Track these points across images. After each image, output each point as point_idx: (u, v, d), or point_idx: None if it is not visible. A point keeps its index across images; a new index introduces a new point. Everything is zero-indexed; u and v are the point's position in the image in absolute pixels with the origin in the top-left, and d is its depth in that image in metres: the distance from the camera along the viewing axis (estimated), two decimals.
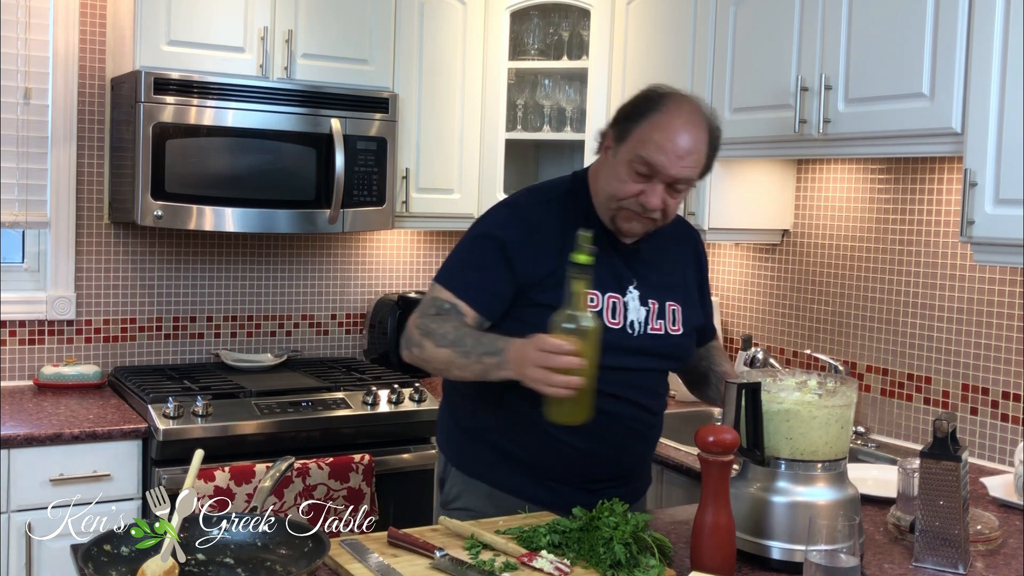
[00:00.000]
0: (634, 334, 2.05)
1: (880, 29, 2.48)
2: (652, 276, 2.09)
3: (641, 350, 2.05)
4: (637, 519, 1.73)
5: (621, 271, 2.06)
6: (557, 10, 3.59)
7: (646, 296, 2.07)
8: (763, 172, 3.17)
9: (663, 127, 1.93)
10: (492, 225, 2.07)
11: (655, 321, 2.08)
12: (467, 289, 2.01)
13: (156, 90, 3.02)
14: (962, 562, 1.77)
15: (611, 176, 2.00)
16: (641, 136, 1.94)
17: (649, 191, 1.95)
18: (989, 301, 2.68)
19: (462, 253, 2.08)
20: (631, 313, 2.05)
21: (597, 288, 2.00)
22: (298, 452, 2.89)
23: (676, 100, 1.99)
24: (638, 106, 1.99)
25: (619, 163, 1.98)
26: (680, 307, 2.12)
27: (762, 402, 1.75)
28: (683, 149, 1.93)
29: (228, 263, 3.62)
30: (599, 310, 2.01)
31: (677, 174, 1.94)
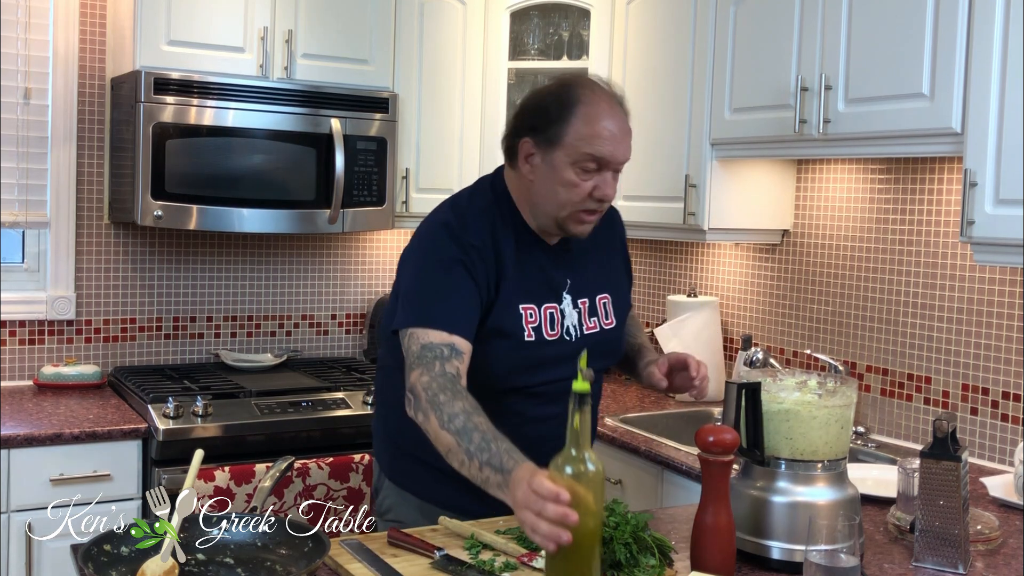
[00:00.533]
0: (572, 340, 2.00)
1: (880, 29, 2.48)
2: (582, 273, 2.06)
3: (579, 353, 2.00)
4: (637, 519, 1.73)
5: (554, 276, 2.01)
6: (557, 10, 3.59)
7: (576, 297, 2.03)
8: (763, 172, 3.16)
9: (594, 118, 1.88)
10: (441, 249, 1.93)
11: (588, 320, 2.04)
12: (454, 321, 1.87)
13: (156, 90, 3.02)
14: (962, 562, 1.77)
15: (554, 183, 1.91)
16: (576, 134, 1.88)
17: (601, 183, 1.91)
18: (989, 301, 2.68)
19: (427, 286, 1.91)
20: (567, 319, 2.01)
21: (532, 301, 1.96)
22: (298, 452, 2.89)
23: (588, 87, 1.93)
24: (556, 107, 1.91)
25: (558, 168, 1.90)
26: (611, 297, 2.09)
27: (762, 402, 1.75)
28: (620, 131, 1.91)
29: (228, 263, 3.62)
30: (537, 325, 1.96)
31: (623, 157, 1.92)
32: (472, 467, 1.69)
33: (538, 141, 1.93)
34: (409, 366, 1.85)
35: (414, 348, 1.85)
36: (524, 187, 1.98)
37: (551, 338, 1.98)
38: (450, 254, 1.91)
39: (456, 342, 1.85)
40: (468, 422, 1.72)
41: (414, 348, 1.85)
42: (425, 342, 1.84)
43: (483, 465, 1.67)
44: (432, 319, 1.86)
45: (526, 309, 1.96)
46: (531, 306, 1.96)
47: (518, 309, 1.95)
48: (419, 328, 1.86)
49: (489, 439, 1.69)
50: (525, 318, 1.96)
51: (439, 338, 1.84)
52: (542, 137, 1.92)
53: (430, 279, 1.92)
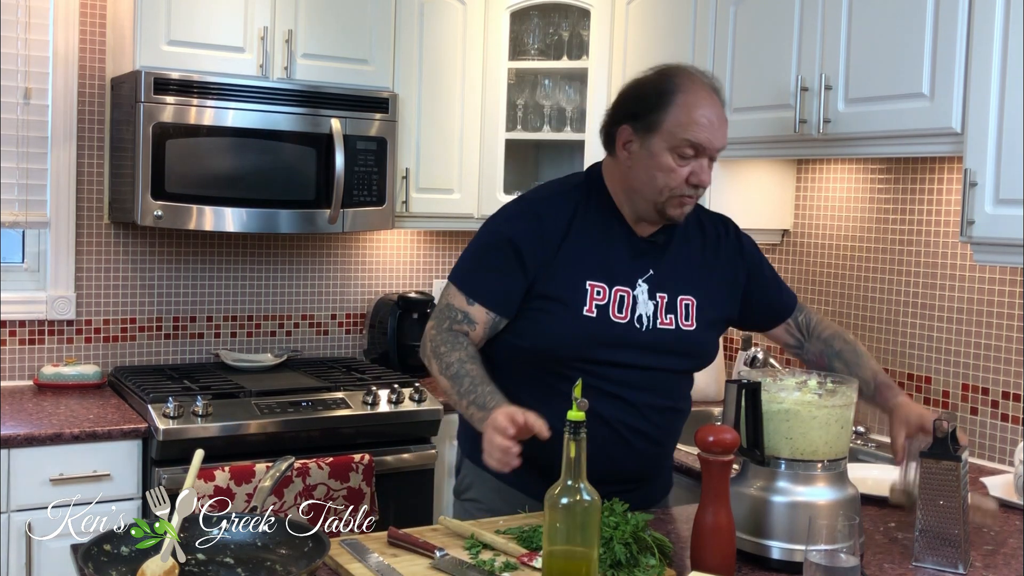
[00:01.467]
0: (642, 328, 2.03)
1: (880, 29, 2.48)
2: (666, 269, 2.07)
3: (650, 346, 2.03)
4: (637, 519, 1.73)
5: (632, 264, 2.05)
6: (557, 10, 3.59)
7: (655, 290, 2.05)
8: (763, 172, 3.17)
9: (694, 106, 1.95)
10: (503, 223, 2.07)
11: (665, 316, 2.05)
12: (481, 291, 2.03)
13: (156, 90, 3.02)
14: (962, 562, 1.77)
15: (652, 169, 1.98)
16: (676, 121, 1.95)
17: (698, 169, 1.97)
18: (989, 301, 2.68)
19: (477, 253, 2.08)
20: (640, 307, 2.03)
21: (605, 281, 2.01)
22: (298, 452, 2.89)
23: (687, 76, 2.01)
24: (655, 95, 1.98)
25: (657, 154, 1.97)
26: (695, 301, 2.08)
27: (762, 402, 1.75)
28: (718, 119, 1.97)
29: (228, 263, 3.62)
30: (603, 304, 2.01)
31: (720, 144, 1.98)
32: (461, 405, 1.95)
33: (636, 128, 1.99)
34: (432, 315, 2.08)
35: (441, 302, 2.07)
36: (622, 173, 2.05)
37: (618, 320, 2.02)
38: (508, 229, 2.04)
39: (472, 312, 2.02)
40: (461, 368, 1.96)
41: (441, 302, 2.07)
42: (450, 302, 2.05)
43: (469, 404, 1.92)
44: (466, 285, 2.05)
45: (593, 286, 2.01)
46: (600, 284, 2.02)
47: (584, 284, 2.01)
48: (455, 288, 2.06)
49: (477, 383, 1.93)
50: (591, 294, 2.01)
51: (460, 304, 2.04)
52: (641, 124, 1.98)
53: (483, 249, 2.08)
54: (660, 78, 2.01)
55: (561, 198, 2.07)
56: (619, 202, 2.07)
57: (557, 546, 1.54)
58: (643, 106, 1.99)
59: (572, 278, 2.01)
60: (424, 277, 3.93)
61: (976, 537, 1.99)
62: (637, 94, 2.02)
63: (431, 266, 3.94)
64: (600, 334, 2.01)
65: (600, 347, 2.01)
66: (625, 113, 2.02)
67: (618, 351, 2.01)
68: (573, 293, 2.01)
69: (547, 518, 1.55)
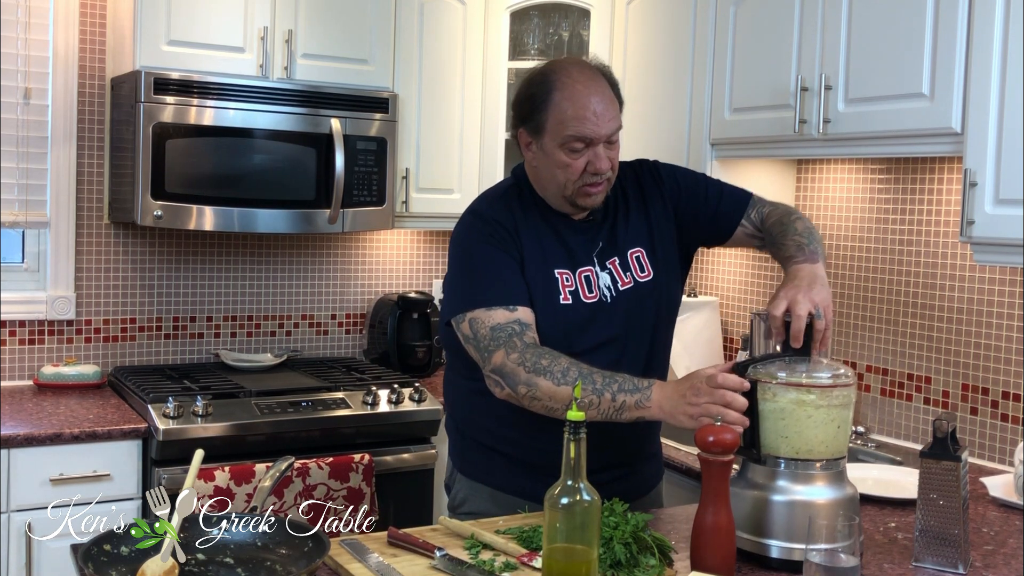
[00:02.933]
0: (608, 299, 2.06)
1: (880, 29, 2.48)
2: (610, 235, 2.10)
3: (620, 313, 2.06)
4: (637, 519, 1.73)
5: (583, 244, 2.08)
6: (557, 10, 3.59)
7: (603, 259, 2.08)
8: (763, 172, 3.16)
9: (571, 99, 1.96)
10: (471, 235, 2.06)
11: (623, 275, 2.09)
12: (508, 293, 1.97)
13: (156, 90, 3.02)
14: (962, 562, 1.77)
15: (552, 167, 2.01)
16: (558, 119, 1.97)
17: (593, 158, 1.98)
18: (989, 301, 2.68)
19: (472, 271, 2.03)
20: (600, 281, 2.07)
21: (568, 267, 2.05)
22: (298, 452, 2.89)
23: (563, 69, 2.01)
24: (534, 96, 2.01)
25: (551, 152, 2.00)
26: (643, 250, 2.11)
27: (758, 400, 1.74)
28: (600, 107, 1.97)
29: (228, 263, 3.62)
30: (573, 289, 2.04)
31: (608, 132, 1.98)
32: (603, 402, 1.82)
33: (529, 130, 2.04)
34: (484, 349, 1.93)
35: (482, 332, 1.94)
36: (533, 172, 2.09)
37: (589, 300, 2.04)
38: (482, 235, 2.03)
39: (520, 317, 1.95)
40: (581, 370, 1.85)
41: (482, 332, 1.94)
42: (492, 324, 1.94)
43: (615, 394, 1.82)
44: (486, 299, 1.96)
45: (561, 274, 2.04)
46: (566, 271, 2.04)
47: (553, 274, 2.03)
48: (478, 311, 1.96)
49: (608, 374, 1.84)
50: (561, 282, 2.03)
51: (504, 317, 1.94)
52: (531, 126, 2.03)
53: (471, 263, 2.03)
54: (540, 76, 2.03)
55: (499, 202, 2.10)
56: (545, 197, 2.10)
57: (557, 546, 1.54)
58: (528, 109, 2.02)
59: (541, 270, 2.03)
60: (424, 277, 3.93)
61: (976, 537, 1.99)
62: (522, 96, 2.05)
63: (431, 266, 3.94)
64: (578, 320, 2.03)
65: (581, 332, 2.03)
66: (518, 116, 2.06)
67: (596, 331, 2.03)
68: (546, 284, 2.03)
69: (547, 518, 1.55)
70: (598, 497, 1.54)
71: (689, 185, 2.18)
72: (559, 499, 1.53)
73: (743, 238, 2.17)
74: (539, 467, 2.03)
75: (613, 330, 2.05)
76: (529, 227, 2.06)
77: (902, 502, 2.18)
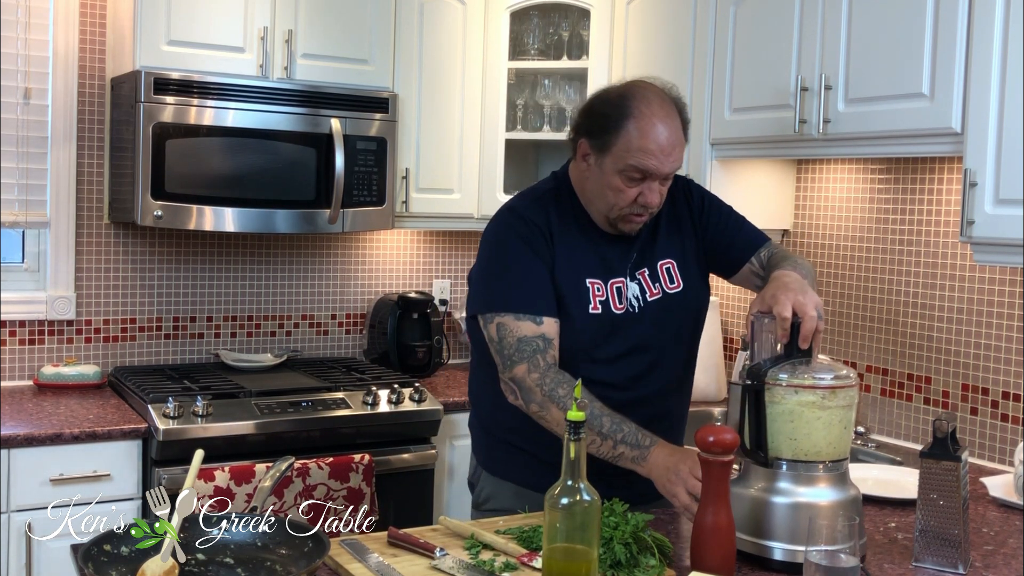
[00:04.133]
0: (635, 310, 2.09)
1: (880, 29, 2.48)
2: (643, 246, 2.13)
3: (652, 321, 2.09)
4: (637, 519, 1.73)
5: (616, 255, 2.11)
6: (557, 10, 3.59)
7: (634, 271, 2.11)
8: (763, 172, 3.17)
9: (644, 132, 1.96)
10: (505, 232, 2.09)
11: (652, 287, 2.12)
12: (540, 303, 2.01)
13: (156, 90, 3.02)
14: (962, 562, 1.77)
15: (604, 187, 2.03)
16: (625, 146, 1.97)
17: (647, 191, 2.01)
18: (989, 301, 2.68)
19: (502, 271, 2.06)
20: (628, 292, 2.10)
21: (600, 277, 2.07)
22: (298, 452, 2.89)
23: (644, 98, 2.00)
24: (608, 115, 2.00)
25: (607, 174, 2.01)
26: (675, 262, 2.14)
27: (766, 403, 1.74)
28: (668, 146, 1.98)
29: (228, 263, 3.62)
30: (604, 299, 2.06)
31: (670, 169, 2.00)
32: (605, 446, 1.91)
33: (593, 144, 2.03)
34: (508, 358, 2.00)
35: (508, 340, 2.00)
36: (581, 181, 2.11)
37: (618, 311, 2.08)
38: (517, 235, 2.06)
39: (545, 331, 2.00)
40: (593, 408, 1.92)
41: (508, 340, 2.00)
42: (520, 335, 2.00)
43: (617, 443, 1.90)
44: (515, 305, 2.01)
45: (592, 283, 2.07)
46: (598, 281, 2.08)
47: (584, 283, 2.06)
48: (507, 316, 2.01)
49: (618, 421, 1.92)
50: (592, 291, 2.06)
51: (531, 330, 2.00)
52: (596, 142, 2.02)
53: (505, 261, 2.05)
54: (619, 97, 2.02)
55: (537, 204, 2.11)
56: (584, 203, 2.12)
57: (557, 546, 1.54)
58: (598, 125, 2.02)
59: (572, 277, 2.06)
60: (424, 277, 3.93)
61: (976, 537, 1.99)
62: (596, 111, 2.05)
63: (431, 266, 3.94)
64: (604, 330, 2.06)
65: (605, 342, 2.06)
66: (584, 128, 2.06)
67: (620, 341, 2.06)
68: (576, 292, 2.06)
69: (547, 518, 1.55)
70: (598, 497, 1.54)
71: (714, 211, 2.22)
72: (559, 499, 1.53)
73: (748, 275, 2.20)
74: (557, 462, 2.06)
75: (640, 340, 2.08)
76: (565, 232, 2.08)
77: (902, 502, 2.18)
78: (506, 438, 2.18)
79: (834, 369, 1.74)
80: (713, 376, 3.36)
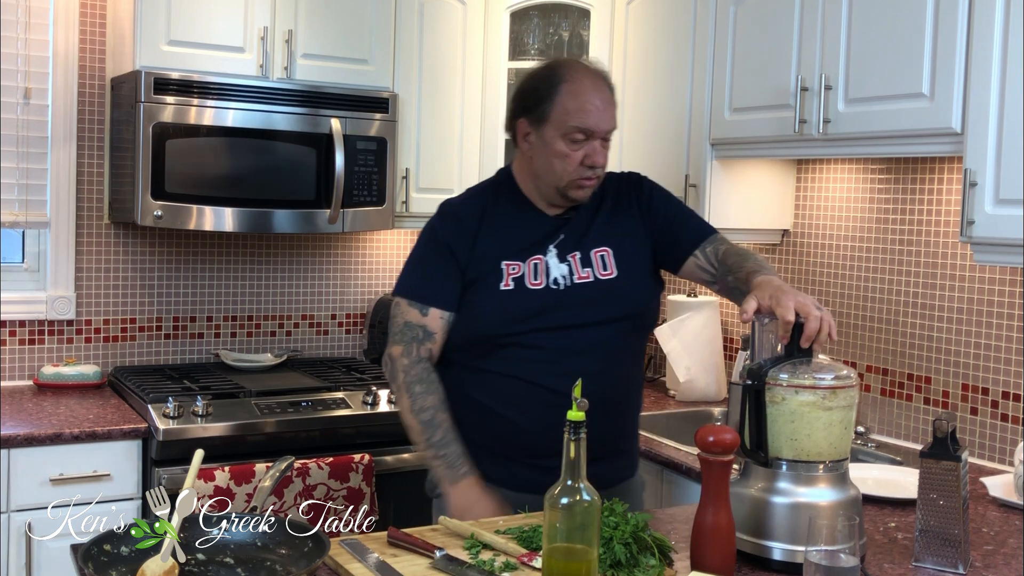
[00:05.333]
0: (559, 288, 2.12)
1: (880, 29, 2.48)
2: (575, 231, 2.17)
3: (572, 303, 2.11)
4: (637, 519, 1.73)
5: (544, 236, 2.16)
6: (557, 10, 3.59)
7: (564, 252, 2.15)
8: (763, 172, 3.17)
9: (577, 93, 2.08)
10: (433, 227, 2.22)
11: (581, 270, 2.14)
12: (430, 295, 2.16)
13: (156, 90, 3.02)
14: (962, 562, 1.77)
15: (550, 157, 2.11)
16: (563, 110, 2.08)
17: (591, 151, 2.10)
18: (989, 301, 2.68)
19: (417, 262, 2.21)
20: (552, 271, 2.13)
21: (519, 259, 2.13)
22: (298, 452, 2.89)
23: (571, 66, 2.14)
24: (542, 88, 2.11)
25: (551, 142, 2.10)
26: (611, 250, 2.16)
27: (767, 403, 1.74)
28: (603, 103, 2.10)
29: (228, 263, 3.62)
30: (519, 276, 2.12)
31: (608, 127, 2.11)
32: (428, 454, 2.13)
33: (531, 120, 2.13)
34: (392, 336, 2.19)
35: (398, 321, 2.18)
36: (526, 164, 2.19)
37: (534, 287, 2.12)
38: (436, 232, 2.19)
39: (428, 323, 2.15)
40: (435, 417, 2.12)
41: (398, 321, 2.18)
42: (406, 320, 2.17)
43: (437, 457, 2.11)
44: (411, 291, 2.18)
45: (508, 265, 2.14)
46: (515, 262, 2.14)
47: (500, 265, 2.14)
48: (403, 300, 2.18)
49: (449, 440, 2.11)
50: (507, 272, 2.13)
51: (416, 318, 2.16)
52: (534, 116, 2.12)
53: (416, 252, 2.22)
54: (546, 71, 2.14)
55: (475, 198, 2.23)
56: (528, 191, 2.20)
57: (557, 546, 1.54)
58: (533, 99, 2.12)
59: (490, 262, 2.14)
60: None
61: (976, 537, 1.99)
62: (527, 88, 2.16)
63: None
64: (519, 304, 2.11)
65: (522, 317, 2.10)
66: (520, 107, 2.16)
67: (541, 317, 2.10)
68: (491, 274, 2.13)
69: (547, 518, 1.55)
70: (598, 497, 1.54)
71: (662, 204, 2.25)
72: (559, 499, 1.53)
73: (695, 270, 2.20)
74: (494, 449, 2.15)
75: (563, 320, 2.11)
76: (496, 220, 2.17)
77: (902, 502, 2.18)
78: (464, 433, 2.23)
79: (835, 369, 1.74)
80: (713, 376, 3.36)
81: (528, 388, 2.09)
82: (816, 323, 1.75)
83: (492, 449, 2.15)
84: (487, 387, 2.13)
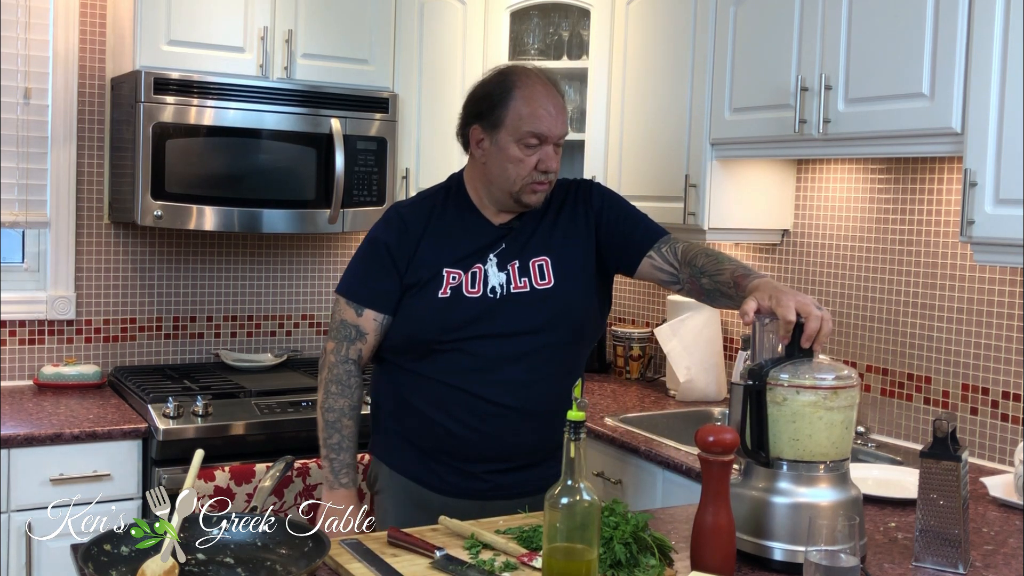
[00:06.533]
0: (495, 297, 2.13)
1: (880, 29, 2.48)
2: (516, 241, 2.18)
3: (509, 312, 2.12)
4: (637, 519, 1.73)
5: (486, 245, 2.17)
6: (557, 10, 3.59)
7: (504, 261, 2.16)
8: (763, 172, 3.16)
9: (531, 99, 2.10)
10: (377, 229, 2.23)
11: (519, 280, 2.15)
12: (366, 296, 2.19)
13: (156, 90, 3.02)
14: (962, 562, 1.77)
15: (504, 162, 2.12)
16: (517, 115, 2.10)
17: (544, 156, 2.12)
18: (989, 301, 2.68)
19: (358, 263, 2.23)
20: (491, 279, 2.14)
21: (460, 267, 2.15)
22: (298, 452, 2.89)
23: (522, 72, 2.16)
24: (495, 94, 2.13)
25: (505, 148, 2.12)
26: (549, 260, 2.17)
27: (768, 404, 1.74)
28: (556, 109, 2.12)
29: (228, 263, 3.62)
30: (457, 285, 2.13)
31: (560, 132, 2.13)
32: (322, 452, 2.26)
33: (484, 126, 2.15)
34: (330, 331, 2.27)
35: (336, 318, 2.24)
36: (479, 170, 2.19)
37: (471, 295, 2.13)
38: (379, 235, 2.21)
39: (361, 324, 2.19)
40: (338, 421, 2.25)
41: (336, 318, 2.24)
42: (343, 318, 2.22)
43: (327, 459, 2.25)
44: (350, 291, 2.21)
45: (449, 272, 2.15)
46: (456, 271, 2.15)
47: (441, 272, 2.15)
48: (342, 298, 2.22)
49: (343, 448, 2.25)
50: (447, 280, 2.14)
51: (351, 317, 2.20)
52: (487, 122, 2.14)
53: (360, 252, 2.24)
54: (499, 77, 2.16)
55: (423, 203, 2.24)
56: (478, 198, 2.21)
57: (557, 546, 1.54)
58: (487, 105, 2.14)
59: (431, 268, 2.15)
60: None
61: (976, 537, 1.99)
62: (480, 95, 2.17)
63: None
64: (455, 312, 2.12)
65: (459, 324, 2.12)
66: (473, 114, 2.17)
67: (476, 324, 2.12)
68: (430, 280, 2.14)
69: (547, 518, 1.55)
70: (597, 498, 1.54)
71: (612, 208, 2.25)
72: (559, 499, 1.53)
73: (651, 271, 2.18)
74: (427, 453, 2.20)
75: (498, 328, 2.12)
76: (441, 226, 2.19)
77: (902, 502, 2.18)
78: (384, 422, 2.30)
79: (835, 369, 1.74)
80: (713, 376, 3.36)
81: (460, 395, 2.12)
82: (817, 323, 1.75)
83: (423, 450, 2.20)
84: (421, 391, 2.17)
